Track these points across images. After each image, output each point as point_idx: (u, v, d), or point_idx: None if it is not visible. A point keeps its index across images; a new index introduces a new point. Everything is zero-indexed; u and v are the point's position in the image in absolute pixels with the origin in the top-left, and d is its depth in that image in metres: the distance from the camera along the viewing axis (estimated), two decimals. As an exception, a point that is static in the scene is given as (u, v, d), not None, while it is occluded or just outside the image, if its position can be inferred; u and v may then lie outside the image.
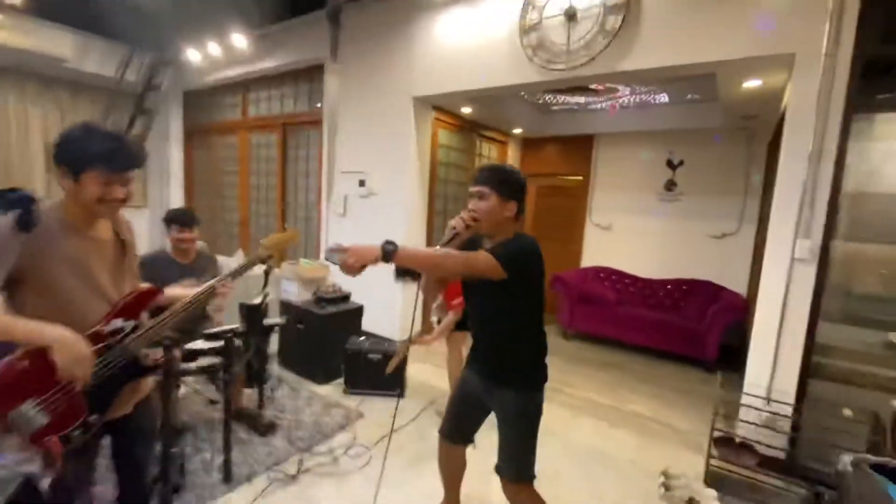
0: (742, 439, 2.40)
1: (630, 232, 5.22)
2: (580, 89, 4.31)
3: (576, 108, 5.16)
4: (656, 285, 4.93)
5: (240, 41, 4.63)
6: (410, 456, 2.47)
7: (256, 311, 2.36)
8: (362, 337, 3.38)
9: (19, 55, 4.89)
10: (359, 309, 3.60)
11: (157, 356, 1.41)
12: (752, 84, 2.99)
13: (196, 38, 4.94)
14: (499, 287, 1.45)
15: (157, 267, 2.29)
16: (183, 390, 2.84)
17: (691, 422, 3.04)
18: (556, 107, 5.14)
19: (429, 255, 1.45)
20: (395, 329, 4.00)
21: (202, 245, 2.74)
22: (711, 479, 2.31)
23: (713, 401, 2.51)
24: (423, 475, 2.28)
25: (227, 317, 2.81)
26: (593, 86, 4.13)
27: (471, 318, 1.71)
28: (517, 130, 5.58)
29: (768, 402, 2.41)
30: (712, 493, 2.19)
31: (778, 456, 2.36)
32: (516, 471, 1.61)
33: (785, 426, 2.36)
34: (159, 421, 1.67)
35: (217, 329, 2.23)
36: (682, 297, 4.72)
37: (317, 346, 3.31)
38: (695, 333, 4.12)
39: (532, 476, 1.61)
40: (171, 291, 1.56)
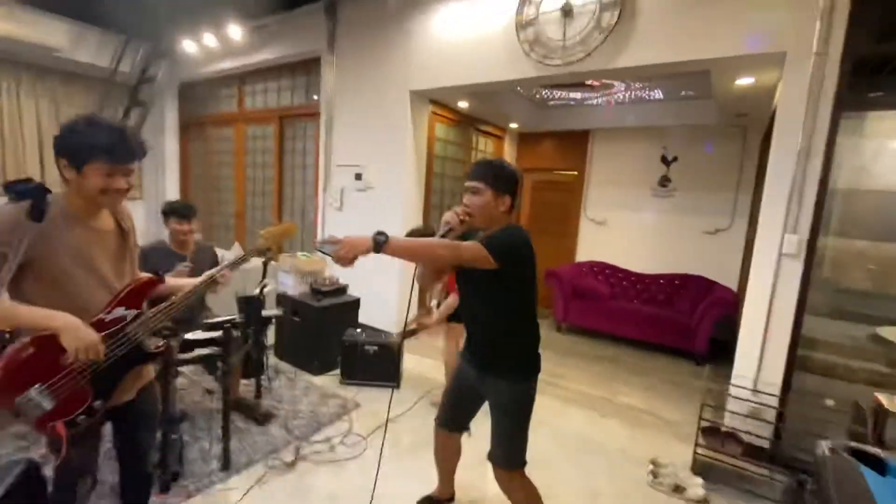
0: (728, 429, 2.47)
1: (624, 227, 5.28)
2: (576, 85, 4.34)
3: (572, 104, 5.19)
4: (649, 280, 4.99)
5: (236, 33, 4.62)
6: (406, 445, 2.52)
7: (255, 303, 2.39)
8: (358, 329, 3.42)
9: (12, 44, 4.84)
10: (355, 301, 3.64)
11: (159, 343, 1.44)
12: (745, 82, 3.04)
13: (192, 29, 4.91)
14: (490, 277, 1.47)
15: (157, 258, 2.31)
16: (181, 380, 2.87)
17: (681, 413, 3.11)
18: (553, 102, 5.16)
19: (419, 245, 1.48)
20: (391, 322, 4.04)
21: (199, 237, 2.76)
22: (698, 468, 2.38)
23: (701, 392, 2.57)
24: (418, 463, 2.33)
25: (225, 308, 2.84)
26: (589, 81, 4.16)
27: (464, 309, 1.73)
28: (513, 125, 5.61)
29: (755, 393, 2.47)
30: (698, 481, 2.25)
31: (763, 445, 2.43)
32: (508, 458, 1.64)
33: (770, 417, 2.43)
34: (160, 407, 1.70)
35: (215, 320, 2.26)
36: (675, 292, 4.79)
37: (313, 338, 3.35)
38: (686, 327, 4.19)
39: (523, 462, 1.65)
40: (172, 281, 1.59)
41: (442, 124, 4.55)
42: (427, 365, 3.63)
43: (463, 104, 4.49)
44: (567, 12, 2.89)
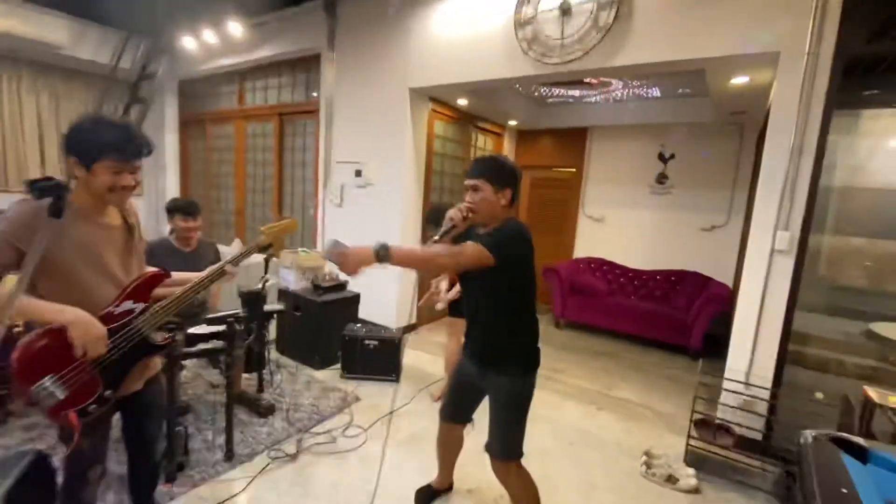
0: (721, 421, 2.52)
1: (622, 224, 5.32)
2: (575, 82, 4.36)
3: (570, 101, 5.21)
4: (646, 276, 5.04)
5: (236, 30, 4.64)
6: (405, 436, 2.58)
7: (257, 298, 2.43)
8: (359, 324, 3.47)
9: (13, 41, 4.86)
10: (355, 297, 3.68)
11: (166, 336, 1.49)
12: (740, 80, 3.07)
13: (192, 26, 4.93)
14: (489, 272, 1.50)
15: (161, 254, 2.35)
16: (185, 374, 2.92)
17: (675, 406, 3.17)
18: (551, 99, 5.19)
19: (420, 257, 1.51)
20: (391, 317, 4.08)
21: (200, 233, 2.80)
22: (691, 459, 2.44)
23: (695, 386, 2.62)
24: (417, 454, 2.38)
25: (227, 303, 2.89)
26: (587, 79, 4.19)
27: (464, 303, 1.76)
28: (512, 122, 5.63)
29: (747, 387, 2.52)
30: (690, 472, 2.31)
31: (756, 437, 2.49)
32: (506, 450, 1.67)
33: (762, 409, 2.48)
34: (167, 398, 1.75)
35: (219, 314, 2.30)
36: (671, 288, 4.84)
37: (314, 333, 3.39)
38: (682, 323, 4.25)
39: (520, 454, 1.68)
40: (178, 276, 1.64)
41: (441, 121, 4.58)
42: (425, 360, 3.68)
43: (462, 101, 4.52)
44: (565, 11, 2.92)
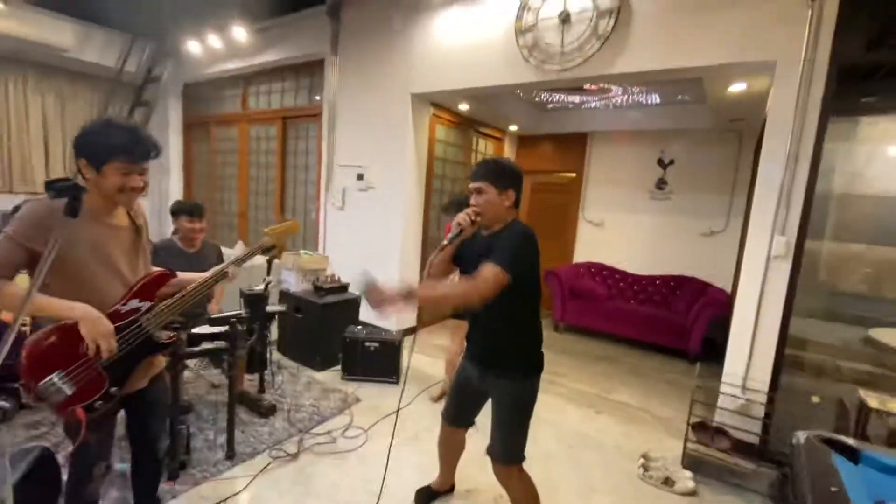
0: (718, 425, 2.54)
1: (622, 228, 5.35)
2: (574, 88, 4.41)
3: (570, 107, 5.26)
4: (646, 281, 5.06)
5: (240, 34, 4.69)
6: (406, 436, 2.60)
7: (259, 299, 2.46)
8: (359, 326, 3.50)
9: (20, 44, 4.92)
10: (356, 299, 3.70)
11: (170, 334, 1.52)
12: (738, 88, 3.11)
13: (197, 31, 4.99)
14: None
15: (166, 254, 2.39)
16: (187, 374, 2.95)
17: (673, 410, 3.19)
18: (552, 105, 5.24)
19: (443, 296, 1.54)
20: (392, 320, 4.10)
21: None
22: (689, 462, 2.45)
23: (692, 391, 2.65)
24: (418, 454, 2.40)
25: (229, 304, 2.92)
26: (587, 85, 4.23)
27: (467, 310, 1.72)
28: (513, 127, 5.68)
29: (744, 391, 2.55)
30: (688, 474, 2.33)
31: (752, 441, 2.51)
32: (508, 453, 1.67)
33: (759, 413, 2.50)
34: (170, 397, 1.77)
35: (222, 314, 2.33)
36: (671, 293, 4.86)
37: (315, 335, 3.42)
38: (681, 327, 4.27)
39: (522, 458, 1.68)
40: (182, 276, 1.67)
41: (442, 126, 4.62)
42: (425, 362, 3.70)
43: (463, 107, 4.57)
44: (565, 19, 2.97)
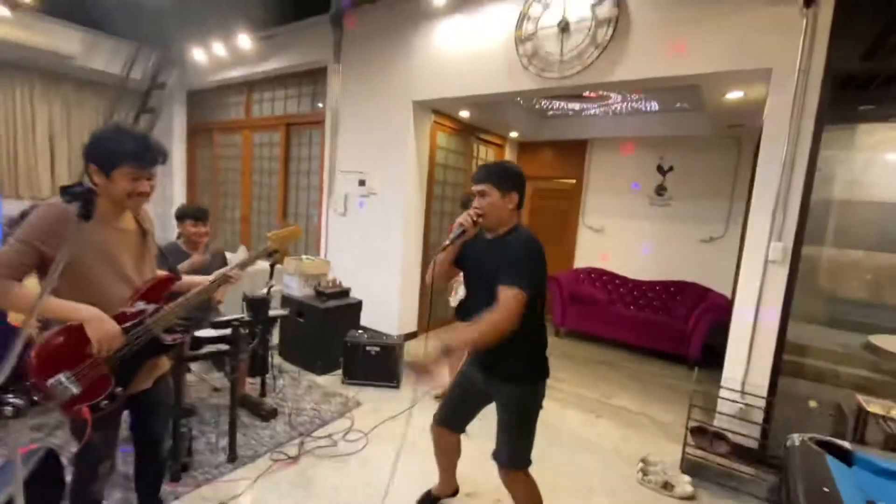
0: (716, 429, 2.55)
1: (622, 234, 5.38)
2: (574, 96, 4.46)
3: (570, 114, 5.31)
4: (646, 286, 5.08)
5: (244, 42, 4.76)
6: (407, 440, 2.61)
7: (262, 303, 2.49)
8: (360, 330, 3.52)
9: (28, 52, 5.00)
10: (357, 303, 3.74)
11: (175, 336, 1.55)
12: (735, 95, 3.15)
13: (202, 39, 5.07)
14: (500, 280, 1.49)
15: (171, 258, 2.41)
16: (189, 377, 2.97)
17: (673, 415, 3.19)
18: (552, 112, 5.29)
19: (478, 336, 1.46)
20: (393, 324, 4.13)
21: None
22: (687, 467, 2.46)
23: (690, 395, 2.66)
24: (419, 457, 2.41)
25: (231, 307, 2.95)
26: (586, 93, 4.28)
27: (471, 312, 1.70)
28: (514, 134, 5.73)
29: (743, 395, 2.56)
30: (686, 479, 2.33)
31: (751, 445, 2.51)
32: (513, 458, 1.67)
33: (758, 418, 2.51)
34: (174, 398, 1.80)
35: (224, 318, 2.36)
36: (671, 298, 4.88)
37: (317, 339, 3.44)
38: (681, 333, 4.28)
39: (528, 462, 1.68)
40: (187, 279, 1.71)
41: (443, 133, 4.67)
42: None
43: (464, 114, 4.62)
44: (564, 29, 3.02)
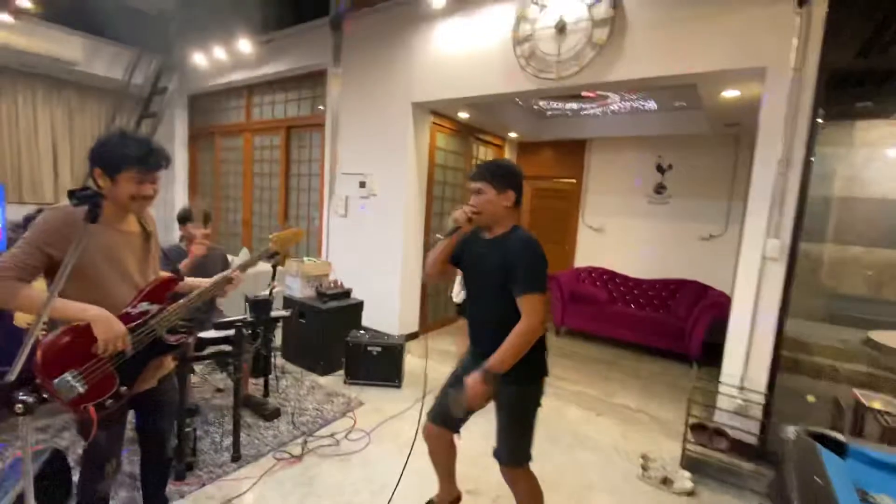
0: (715, 425, 2.56)
1: (621, 233, 5.40)
2: (573, 96, 4.48)
3: (569, 114, 5.33)
4: (646, 285, 5.10)
5: (245, 46, 4.80)
6: (407, 439, 2.62)
7: (264, 304, 2.52)
8: (362, 331, 3.54)
9: (31, 58, 5.05)
10: (359, 304, 3.76)
11: (179, 336, 1.57)
12: (731, 94, 3.17)
13: (202, 43, 5.11)
14: (502, 280, 1.52)
15: (173, 259, 2.45)
16: (193, 378, 3.00)
17: (673, 412, 3.21)
18: (550, 112, 5.31)
19: (516, 351, 1.50)
20: (394, 325, 4.16)
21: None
22: (687, 462, 2.48)
23: (689, 392, 2.68)
24: (422, 456, 2.43)
25: (233, 308, 2.98)
26: (584, 93, 4.31)
27: (471, 312, 1.74)
28: (513, 135, 5.76)
29: (741, 391, 2.58)
30: (686, 474, 2.35)
31: (751, 441, 2.53)
32: (513, 456, 1.68)
33: (757, 414, 2.52)
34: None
35: (227, 319, 2.39)
36: (670, 296, 4.89)
37: (319, 340, 3.47)
38: (681, 330, 4.29)
39: (529, 459, 1.69)
40: (189, 281, 1.73)
41: (443, 134, 4.70)
42: (429, 365, 3.74)
43: (463, 115, 4.65)
44: (561, 29, 3.04)
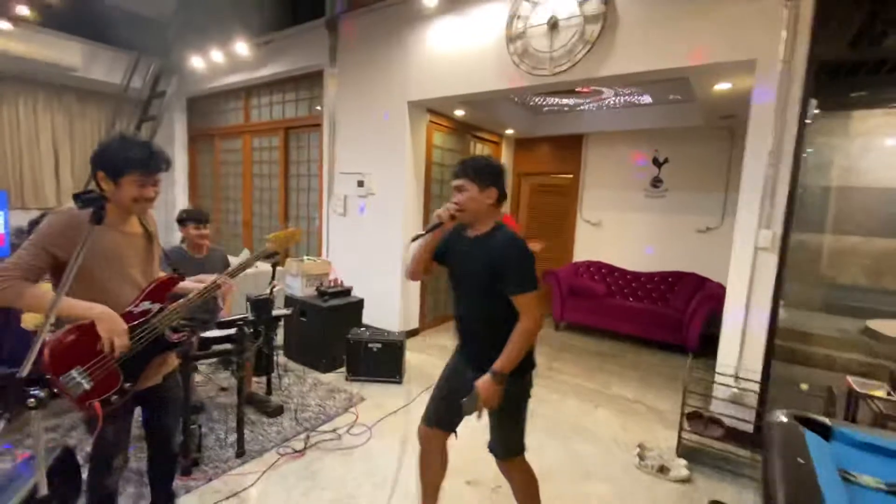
0: (711, 414, 2.60)
1: (619, 227, 5.43)
2: (567, 92, 4.50)
3: (565, 110, 5.36)
4: (644, 278, 5.13)
5: (242, 49, 4.84)
6: (408, 433, 2.68)
7: (265, 303, 2.56)
8: (363, 328, 3.59)
9: (31, 64, 5.10)
10: (359, 302, 3.81)
11: (180, 334, 1.62)
12: (723, 87, 3.20)
13: (200, 46, 5.15)
14: (489, 279, 1.54)
15: (174, 260, 2.49)
16: (197, 377, 3.05)
17: (671, 403, 3.25)
18: (546, 108, 5.34)
19: (520, 350, 1.54)
20: (395, 321, 4.20)
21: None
22: (683, 451, 2.52)
23: (684, 381, 2.71)
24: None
25: (235, 308, 3.02)
26: (579, 88, 4.33)
27: (457, 307, 1.75)
28: (509, 131, 5.78)
29: (736, 380, 2.61)
30: (682, 462, 2.39)
31: (746, 429, 2.57)
32: (507, 449, 1.71)
33: (752, 402, 2.56)
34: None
35: (229, 318, 2.43)
36: (668, 289, 4.92)
37: (320, 338, 3.52)
38: (679, 322, 4.33)
39: (522, 450, 1.72)
40: (188, 282, 1.77)
41: (439, 132, 4.73)
42: (428, 361, 3.79)
43: (459, 112, 4.68)
44: (553, 26, 3.07)
